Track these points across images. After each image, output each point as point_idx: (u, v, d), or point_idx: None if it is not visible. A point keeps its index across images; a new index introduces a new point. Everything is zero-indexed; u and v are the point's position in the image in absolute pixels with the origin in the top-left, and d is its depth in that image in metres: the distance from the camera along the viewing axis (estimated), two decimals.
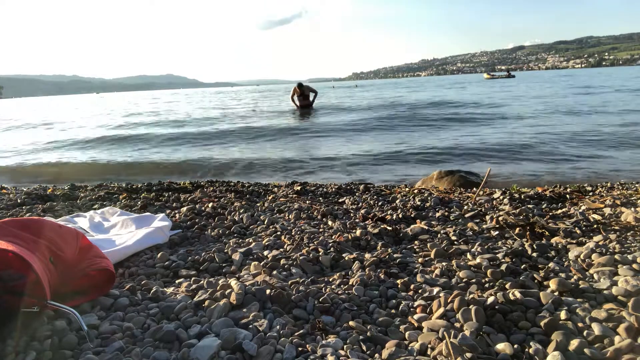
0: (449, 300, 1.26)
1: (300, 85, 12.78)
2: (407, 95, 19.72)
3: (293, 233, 2.05)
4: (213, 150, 7.11)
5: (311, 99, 12.95)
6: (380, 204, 2.66)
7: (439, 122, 9.42)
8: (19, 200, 2.97)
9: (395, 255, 1.71)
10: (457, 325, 1.16)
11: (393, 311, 1.29)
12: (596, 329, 1.10)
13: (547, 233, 1.90)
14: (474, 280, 1.44)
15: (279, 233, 2.06)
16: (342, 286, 1.46)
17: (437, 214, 2.33)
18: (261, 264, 1.65)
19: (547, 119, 9.03)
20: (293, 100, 13.17)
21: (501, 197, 2.69)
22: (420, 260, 1.67)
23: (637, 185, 3.15)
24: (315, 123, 10.32)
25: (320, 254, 1.72)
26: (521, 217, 2.10)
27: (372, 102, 16.17)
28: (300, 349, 1.10)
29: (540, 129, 7.46)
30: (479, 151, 5.81)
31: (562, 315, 1.17)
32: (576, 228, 1.94)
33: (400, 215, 2.28)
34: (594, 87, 19.37)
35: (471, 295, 1.30)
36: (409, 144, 6.77)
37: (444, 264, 1.60)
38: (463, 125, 8.90)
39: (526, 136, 6.75)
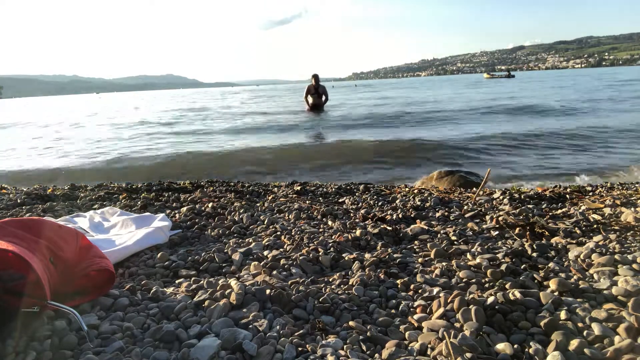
0: (449, 300, 1.26)
1: (317, 78, 11.77)
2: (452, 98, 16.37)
3: (293, 233, 2.05)
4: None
5: (323, 99, 12.31)
6: (380, 204, 2.66)
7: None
8: (19, 200, 2.97)
9: (395, 255, 1.71)
10: (457, 325, 1.16)
11: (393, 311, 1.29)
12: (596, 329, 1.10)
13: (547, 233, 1.90)
14: (474, 280, 1.44)
15: (279, 233, 2.06)
16: (342, 286, 1.46)
17: (437, 214, 2.33)
18: (261, 264, 1.65)
19: None
20: (306, 100, 12.37)
21: (501, 197, 2.69)
22: (420, 260, 1.67)
23: (637, 185, 3.15)
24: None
25: (320, 254, 1.72)
26: (521, 217, 2.10)
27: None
28: (300, 349, 1.10)
29: None
30: None
31: (562, 315, 1.17)
32: (576, 228, 1.94)
33: (400, 215, 2.28)
34: None
35: (471, 295, 1.30)
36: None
37: (444, 264, 1.60)
38: None
39: None
